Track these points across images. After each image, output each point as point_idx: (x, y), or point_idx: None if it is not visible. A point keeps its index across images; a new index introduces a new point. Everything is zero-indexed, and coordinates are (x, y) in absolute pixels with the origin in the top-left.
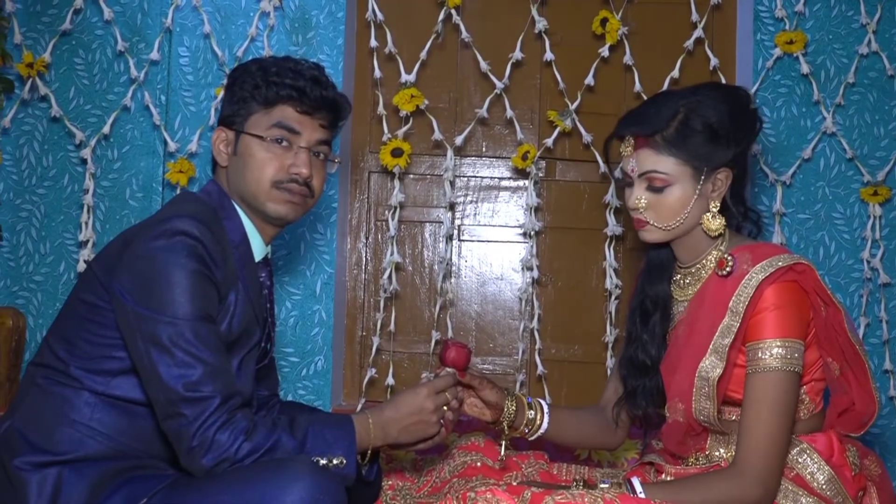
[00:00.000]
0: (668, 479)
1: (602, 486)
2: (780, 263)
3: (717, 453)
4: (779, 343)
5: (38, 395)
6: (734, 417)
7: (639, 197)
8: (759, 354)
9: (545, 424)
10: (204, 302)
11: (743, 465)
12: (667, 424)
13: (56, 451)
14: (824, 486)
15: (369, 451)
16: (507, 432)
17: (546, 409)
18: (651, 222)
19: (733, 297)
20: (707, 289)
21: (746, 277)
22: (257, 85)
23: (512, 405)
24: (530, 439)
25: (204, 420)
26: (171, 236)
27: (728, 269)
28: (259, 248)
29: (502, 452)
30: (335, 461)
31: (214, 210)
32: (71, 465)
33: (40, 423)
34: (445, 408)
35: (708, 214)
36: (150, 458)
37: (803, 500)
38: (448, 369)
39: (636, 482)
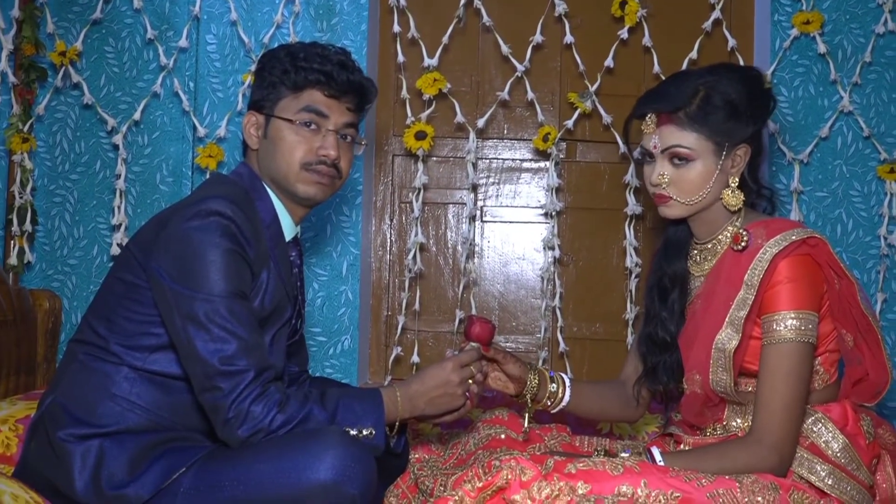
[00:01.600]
0: (687, 448)
1: (623, 455)
2: (793, 237)
3: (734, 423)
4: (793, 315)
5: (79, 370)
6: (750, 388)
7: (662, 172)
8: (774, 326)
9: (567, 397)
10: (238, 280)
11: (759, 433)
12: (685, 396)
13: (98, 424)
14: (839, 454)
15: (397, 423)
16: (530, 405)
17: (567, 382)
18: (674, 197)
19: (748, 271)
20: (723, 263)
21: (761, 251)
22: (286, 70)
23: (534, 378)
24: (552, 412)
25: (239, 392)
26: (205, 216)
27: (743, 243)
28: (289, 228)
29: (526, 425)
30: (365, 432)
31: (246, 191)
32: (112, 437)
33: (82, 398)
34: (470, 381)
35: (727, 190)
36: (187, 431)
37: (818, 468)
38: (472, 344)
39: (656, 451)
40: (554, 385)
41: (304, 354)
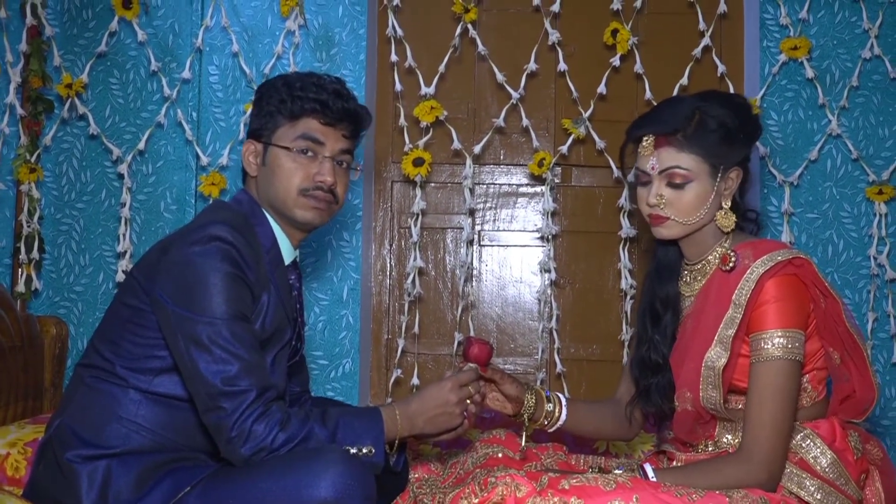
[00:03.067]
0: (679, 465)
1: (616, 471)
2: (779, 258)
3: (725, 440)
4: (780, 333)
5: (86, 393)
6: (740, 406)
7: (660, 193)
8: (762, 344)
9: (563, 416)
10: (239, 302)
11: (749, 449)
12: (677, 413)
13: (105, 446)
14: (827, 470)
15: (397, 442)
16: (527, 424)
17: (564, 401)
18: (672, 217)
19: (736, 291)
20: (712, 283)
21: (748, 272)
22: (283, 99)
23: (531, 398)
24: (549, 431)
25: (242, 412)
26: (206, 242)
27: (731, 264)
28: (288, 252)
29: (523, 444)
30: (364, 450)
31: (246, 217)
32: (118, 458)
33: (90, 420)
34: (468, 401)
35: (721, 212)
36: (191, 451)
37: (807, 483)
38: (471, 365)
39: (648, 468)
40: (550, 405)
41: (304, 375)
